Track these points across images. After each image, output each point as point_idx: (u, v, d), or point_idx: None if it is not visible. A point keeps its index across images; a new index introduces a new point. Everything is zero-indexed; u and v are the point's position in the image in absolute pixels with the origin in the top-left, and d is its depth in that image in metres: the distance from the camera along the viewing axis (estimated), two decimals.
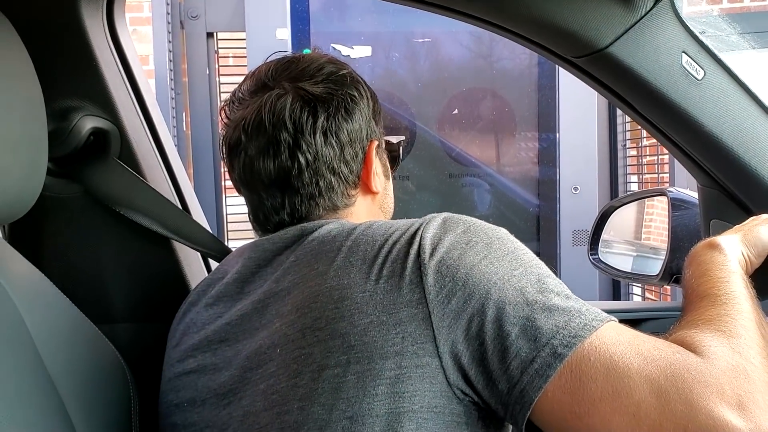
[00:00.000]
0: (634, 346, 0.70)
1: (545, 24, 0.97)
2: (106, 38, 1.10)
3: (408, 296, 0.74)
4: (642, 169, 3.19)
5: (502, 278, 0.74)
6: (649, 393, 0.66)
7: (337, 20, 3.15)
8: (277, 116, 0.92)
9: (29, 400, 0.77)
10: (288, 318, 0.79)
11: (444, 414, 0.74)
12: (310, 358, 0.75)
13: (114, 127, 1.09)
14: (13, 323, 0.79)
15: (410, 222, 0.82)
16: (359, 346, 0.74)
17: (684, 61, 1.00)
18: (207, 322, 0.91)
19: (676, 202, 1.34)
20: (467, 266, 0.75)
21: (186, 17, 3.16)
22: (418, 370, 0.73)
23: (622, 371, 0.68)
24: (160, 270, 1.15)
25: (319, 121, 0.92)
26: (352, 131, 0.95)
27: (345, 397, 0.73)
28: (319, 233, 0.86)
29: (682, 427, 0.64)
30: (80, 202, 1.10)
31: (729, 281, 0.79)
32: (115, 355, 0.99)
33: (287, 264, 0.85)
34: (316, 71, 0.96)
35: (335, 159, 0.93)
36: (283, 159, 0.92)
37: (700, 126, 1.02)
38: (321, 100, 0.93)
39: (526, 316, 0.72)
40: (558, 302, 0.73)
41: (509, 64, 3.21)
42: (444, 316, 0.73)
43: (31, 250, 1.06)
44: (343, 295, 0.76)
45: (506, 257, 0.77)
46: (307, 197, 0.93)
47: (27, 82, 0.78)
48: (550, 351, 0.70)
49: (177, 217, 1.14)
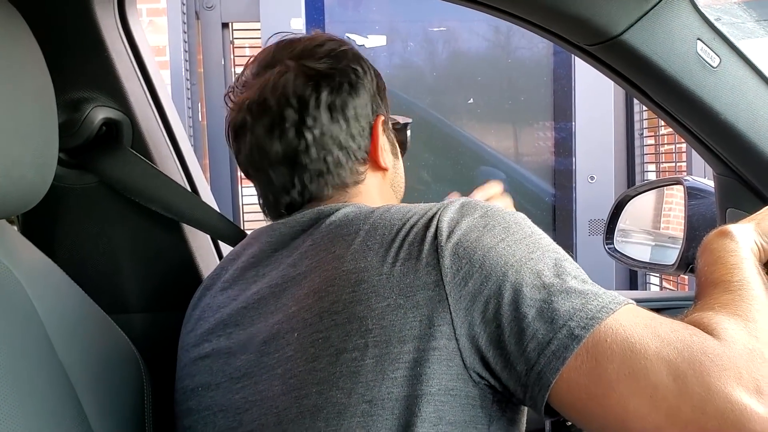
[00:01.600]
0: (651, 328, 0.69)
1: (558, 12, 0.96)
2: (117, 28, 1.10)
3: (425, 279, 0.74)
4: (660, 158, 3.16)
5: (519, 261, 0.74)
6: (666, 375, 0.65)
7: (352, 9, 3.14)
8: (281, 93, 0.92)
9: (42, 390, 0.78)
10: (305, 302, 0.79)
11: (460, 397, 0.74)
12: (328, 342, 0.75)
13: (126, 117, 1.10)
14: (27, 313, 0.80)
15: (428, 206, 0.82)
16: (377, 329, 0.74)
17: (699, 49, 0.99)
18: (222, 305, 0.92)
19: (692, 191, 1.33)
20: (484, 248, 0.75)
21: (201, 8, 3.17)
22: (436, 352, 0.72)
23: (639, 353, 0.67)
24: (172, 259, 1.16)
25: (323, 95, 0.92)
26: (358, 106, 0.95)
27: (364, 381, 0.73)
28: (336, 216, 0.86)
29: (699, 410, 0.64)
30: (93, 192, 1.11)
31: (741, 268, 0.79)
32: (128, 344, 1.00)
33: (304, 248, 0.85)
34: (317, 48, 0.96)
35: (342, 133, 0.93)
36: (290, 136, 0.92)
37: (716, 114, 1.01)
38: (324, 76, 0.93)
39: (542, 299, 0.72)
40: (575, 285, 0.73)
41: (525, 53, 3.19)
42: (461, 299, 0.73)
43: (45, 240, 1.06)
44: (361, 278, 0.76)
45: (523, 241, 0.77)
46: (316, 174, 0.93)
47: (37, 74, 0.78)
48: (567, 333, 0.69)
49: (192, 202, 1.14)
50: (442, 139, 3.17)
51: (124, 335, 1.00)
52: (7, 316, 0.77)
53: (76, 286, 0.95)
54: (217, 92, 3.22)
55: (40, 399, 0.77)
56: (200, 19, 3.20)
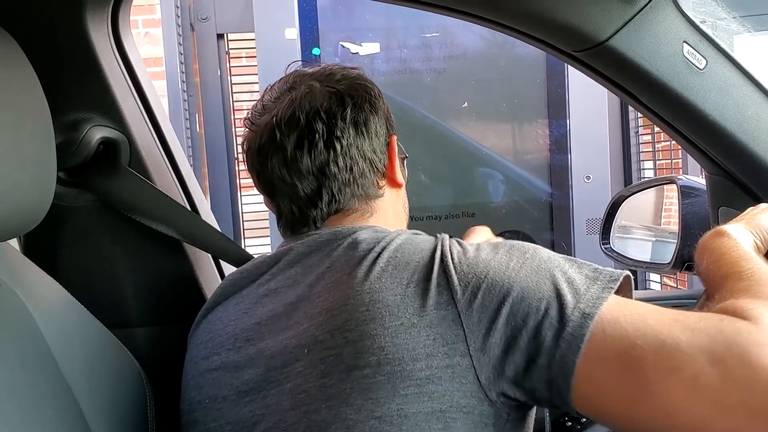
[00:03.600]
0: (679, 321, 0.69)
1: (544, 19, 0.97)
2: (111, 48, 1.11)
3: (436, 299, 0.77)
4: (656, 156, 3.17)
5: (518, 262, 0.79)
6: (705, 363, 0.65)
7: (345, 18, 3.15)
8: (309, 108, 0.96)
9: (46, 406, 0.78)
10: (317, 320, 0.81)
11: (473, 414, 0.75)
12: (339, 359, 0.77)
13: (123, 136, 1.11)
14: (30, 333, 0.81)
15: (434, 238, 0.87)
16: (390, 347, 0.75)
17: (685, 51, 1.00)
18: (235, 320, 0.93)
19: (686, 189, 1.34)
20: (485, 260, 0.79)
21: (196, 19, 3.18)
22: (449, 370, 0.74)
23: (672, 347, 0.67)
24: (173, 274, 1.17)
25: (348, 110, 0.97)
26: (378, 123, 1.00)
27: (374, 398, 0.75)
28: (354, 238, 0.89)
29: (747, 390, 0.63)
30: (93, 210, 1.12)
31: (747, 258, 0.80)
32: (130, 359, 1.01)
33: (321, 268, 0.88)
34: (334, 72, 1.02)
35: (366, 146, 0.99)
36: (320, 148, 0.96)
37: (704, 115, 1.02)
38: (347, 93, 0.99)
39: (550, 288, 0.75)
40: (575, 270, 0.78)
41: (520, 52, 3.19)
42: (473, 312, 0.75)
43: (47, 259, 1.07)
44: (375, 298, 0.79)
45: (522, 253, 0.81)
46: (343, 183, 0.97)
47: (32, 96, 0.79)
48: (579, 313, 0.72)
49: (191, 221, 1.16)
50: (439, 141, 3.18)
51: (126, 351, 1.01)
52: (11, 336, 0.78)
53: (78, 303, 0.95)
54: (214, 102, 3.24)
55: (45, 416, 0.78)
56: (195, 31, 3.21)
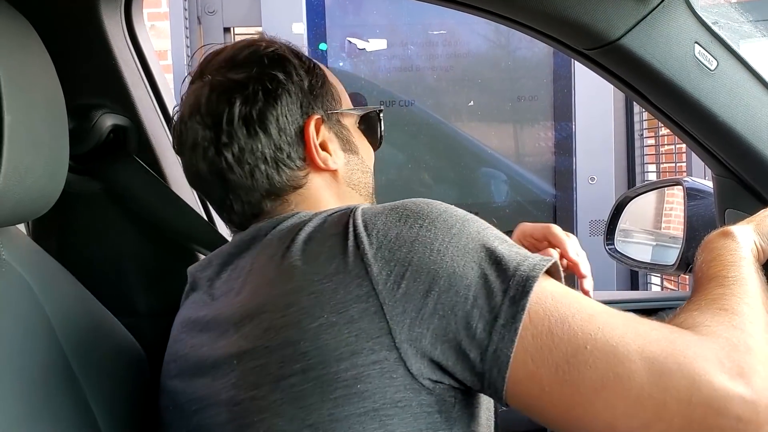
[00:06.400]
0: (631, 327, 0.69)
1: (557, 17, 0.97)
2: (124, 36, 1.12)
3: (356, 291, 0.72)
4: (660, 159, 3.17)
5: (444, 241, 0.73)
6: (650, 373, 0.66)
7: (353, 13, 3.15)
8: (195, 112, 0.89)
9: (52, 392, 0.79)
10: (243, 330, 0.77)
11: (411, 407, 0.72)
12: (266, 369, 0.73)
13: (133, 124, 1.11)
14: (37, 317, 0.81)
15: (336, 214, 0.79)
16: (312, 351, 0.71)
17: (697, 52, 1.00)
18: (195, 310, 0.90)
19: (692, 191, 1.34)
20: (407, 240, 0.73)
21: (203, 13, 3.18)
22: (376, 366, 0.70)
23: (622, 355, 0.67)
24: (178, 262, 1.17)
25: (236, 109, 0.87)
26: (280, 114, 0.89)
27: (304, 405, 0.71)
28: (272, 234, 0.83)
29: (685, 402, 0.65)
30: (100, 198, 1.12)
31: (738, 265, 0.80)
32: (135, 346, 1.02)
33: (245, 271, 0.83)
34: (236, 56, 0.92)
35: (265, 147, 0.89)
36: (210, 155, 0.89)
37: (714, 116, 1.02)
38: (237, 87, 0.88)
39: (477, 275, 0.71)
40: (503, 249, 0.73)
41: (525, 53, 3.20)
42: (396, 303, 0.71)
43: (54, 245, 1.08)
44: (289, 301, 0.74)
45: (448, 228, 0.74)
46: (249, 189, 0.89)
47: (48, 82, 0.79)
48: (509, 302, 0.69)
49: (191, 218, 1.16)
50: (443, 140, 3.18)
51: (131, 337, 1.02)
52: (19, 321, 0.79)
53: (85, 289, 0.96)
54: None
55: (51, 401, 0.78)
56: (202, 24, 3.22)
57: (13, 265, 0.81)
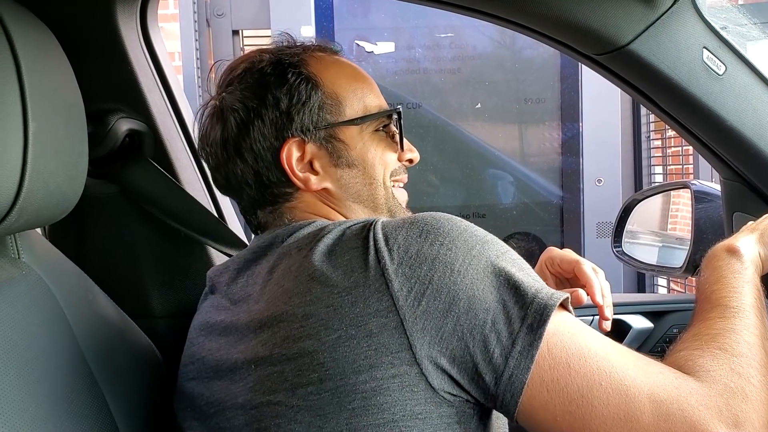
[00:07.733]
0: (640, 368, 0.72)
1: (566, 22, 0.98)
2: (139, 42, 1.13)
3: (376, 306, 0.72)
4: (667, 161, 3.17)
5: (464, 262, 0.73)
6: (655, 416, 0.69)
7: (361, 16, 3.16)
8: (199, 131, 0.97)
9: (72, 394, 0.80)
10: (261, 336, 0.78)
11: (431, 419, 0.73)
12: (282, 376, 0.74)
13: (148, 128, 1.13)
14: (56, 319, 0.83)
15: (356, 226, 0.79)
16: (329, 362, 0.72)
17: (705, 57, 1.00)
18: (213, 312, 0.92)
19: (699, 194, 1.35)
20: (428, 258, 0.73)
21: (212, 15, 3.20)
22: (396, 380, 0.71)
23: (629, 392, 0.70)
24: (194, 265, 1.19)
25: (218, 132, 0.92)
26: (254, 141, 0.90)
27: (321, 414, 0.72)
28: (289, 242, 0.84)
29: None
30: (117, 201, 1.14)
31: (742, 292, 0.82)
32: (152, 348, 1.03)
33: (262, 278, 0.84)
34: (232, 72, 0.93)
35: (245, 173, 0.91)
36: (213, 173, 0.97)
37: (722, 120, 1.03)
38: (219, 113, 0.92)
39: (496, 300, 0.72)
40: (521, 276, 0.74)
41: (532, 54, 3.20)
42: (417, 320, 0.72)
43: (71, 248, 1.09)
44: (308, 312, 0.75)
45: (468, 249, 0.75)
46: (244, 204, 0.96)
47: (68, 88, 0.80)
48: (527, 329, 0.71)
49: (207, 219, 1.17)
50: (451, 142, 3.19)
51: (148, 339, 1.03)
52: (41, 323, 0.80)
53: (102, 292, 0.97)
54: None
55: (73, 402, 0.80)
56: (211, 26, 3.23)
57: (32, 268, 0.83)
